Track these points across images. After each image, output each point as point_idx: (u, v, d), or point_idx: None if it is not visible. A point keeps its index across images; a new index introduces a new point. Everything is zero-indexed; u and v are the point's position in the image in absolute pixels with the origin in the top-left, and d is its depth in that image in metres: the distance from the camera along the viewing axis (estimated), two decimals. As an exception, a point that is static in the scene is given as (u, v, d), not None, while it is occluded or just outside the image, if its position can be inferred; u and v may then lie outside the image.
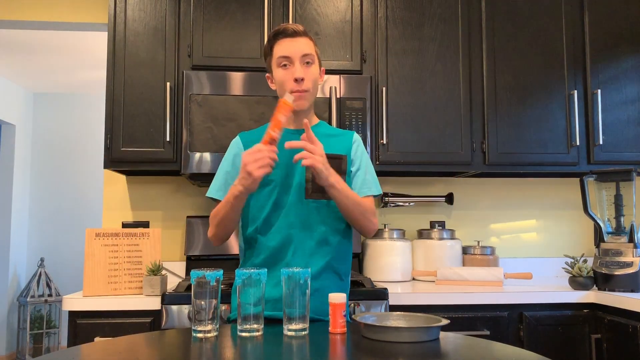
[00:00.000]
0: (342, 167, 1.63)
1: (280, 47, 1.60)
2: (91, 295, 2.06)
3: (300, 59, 1.58)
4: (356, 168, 1.67)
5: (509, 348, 1.19)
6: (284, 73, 1.60)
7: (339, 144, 1.67)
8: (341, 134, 1.72)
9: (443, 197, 2.76)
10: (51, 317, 5.16)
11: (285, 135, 1.65)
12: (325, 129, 1.71)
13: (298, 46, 1.59)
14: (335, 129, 1.76)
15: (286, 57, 1.59)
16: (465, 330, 2.07)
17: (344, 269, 1.65)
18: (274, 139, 1.43)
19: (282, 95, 1.61)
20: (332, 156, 1.61)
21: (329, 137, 1.67)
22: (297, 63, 1.58)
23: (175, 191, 2.72)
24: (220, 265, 2.56)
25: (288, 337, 1.29)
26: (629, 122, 2.58)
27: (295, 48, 1.58)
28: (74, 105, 5.65)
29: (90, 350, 1.19)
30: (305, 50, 1.59)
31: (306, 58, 1.59)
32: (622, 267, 2.13)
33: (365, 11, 2.51)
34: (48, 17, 2.78)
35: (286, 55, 1.58)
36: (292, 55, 1.58)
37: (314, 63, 1.62)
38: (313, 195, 1.59)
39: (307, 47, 1.60)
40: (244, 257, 1.66)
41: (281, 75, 1.60)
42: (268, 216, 1.59)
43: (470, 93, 2.54)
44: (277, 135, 1.43)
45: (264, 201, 1.60)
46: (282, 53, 1.59)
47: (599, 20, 2.62)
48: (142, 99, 2.38)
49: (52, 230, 5.54)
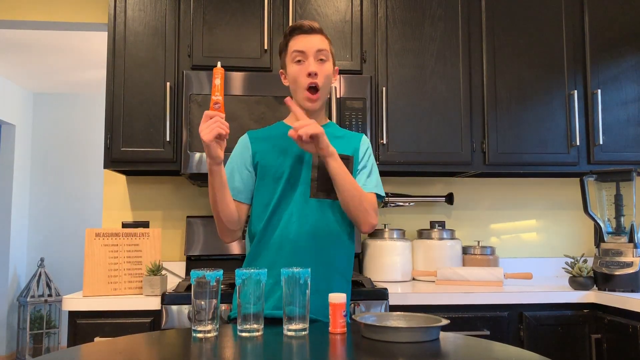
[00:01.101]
0: (348, 167, 1.63)
1: (296, 42, 1.61)
2: (91, 295, 2.06)
3: (314, 55, 1.59)
4: (361, 167, 1.67)
5: (509, 348, 1.19)
6: (297, 68, 1.60)
7: (347, 145, 1.67)
8: (350, 136, 1.72)
9: (443, 197, 2.76)
10: (51, 317, 5.16)
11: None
12: (334, 129, 1.71)
13: (313, 42, 1.60)
14: (344, 130, 1.76)
15: (301, 52, 1.59)
16: (465, 330, 2.07)
17: (348, 270, 1.65)
18: (217, 102, 1.44)
19: (296, 91, 1.62)
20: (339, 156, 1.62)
21: (337, 138, 1.67)
22: (311, 58, 1.59)
23: (175, 191, 2.72)
24: (220, 265, 2.56)
25: (288, 337, 1.29)
26: (629, 122, 2.58)
27: (310, 44, 1.59)
28: (74, 105, 5.65)
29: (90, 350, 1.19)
30: (320, 46, 1.60)
31: (320, 54, 1.60)
32: (622, 267, 2.13)
33: (365, 11, 2.51)
34: (48, 17, 2.78)
35: (301, 49, 1.59)
36: (306, 51, 1.59)
37: (328, 60, 1.62)
38: (318, 194, 1.59)
39: (322, 43, 1.61)
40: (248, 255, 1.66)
41: (295, 70, 1.61)
42: (272, 214, 1.59)
43: (470, 93, 2.54)
44: (219, 99, 1.44)
45: (269, 198, 1.61)
46: (296, 47, 1.60)
47: (599, 20, 2.62)
48: (142, 99, 2.38)
49: (52, 230, 5.54)
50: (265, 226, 1.60)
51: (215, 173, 1.50)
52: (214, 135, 1.41)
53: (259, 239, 1.61)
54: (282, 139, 1.64)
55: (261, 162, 1.63)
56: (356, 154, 1.67)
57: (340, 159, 1.54)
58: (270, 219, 1.60)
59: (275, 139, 1.66)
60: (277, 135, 1.66)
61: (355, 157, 1.67)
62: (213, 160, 1.47)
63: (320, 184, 1.59)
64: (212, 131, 1.41)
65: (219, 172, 1.50)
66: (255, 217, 1.64)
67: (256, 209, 1.63)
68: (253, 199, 1.65)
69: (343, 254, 1.63)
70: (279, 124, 1.72)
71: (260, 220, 1.61)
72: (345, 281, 1.64)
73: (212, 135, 1.41)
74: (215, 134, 1.41)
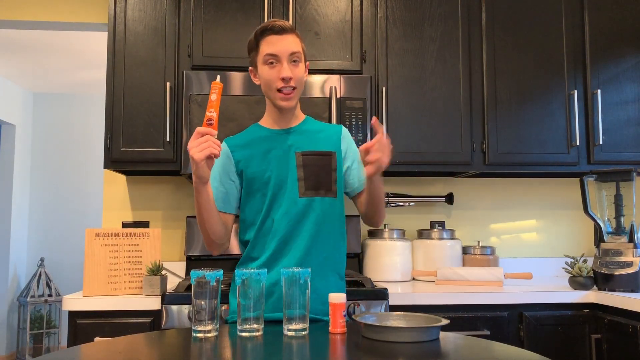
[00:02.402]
0: (332, 164, 1.63)
1: (268, 44, 1.57)
2: (91, 295, 2.06)
3: (287, 58, 1.57)
4: (350, 162, 1.68)
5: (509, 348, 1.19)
6: (270, 71, 1.58)
7: (327, 140, 1.66)
8: (328, 129, 1.70)
9: (443, 197, 2.76)
10: (51, 317, 5.16)
11: (272, 136, 1.64)
12: (311, 125, 1.70)
13: (286, 44, 1.57)
14: (321, 123, 1.73)
15: (273, 56, 1.57)
16: (465, 330, 2.07)
17: (341, 266, 1.65)
18: (210, 119, 1.40)
19: (268, 92, 1.60)
20: (321, 153, 1.62)
21: (316, 132, 1.66)
22: (284, 62, 1.56)
23: (175, 191, 2.72)
24: (220, 265, 2.56)
25: (288, 337, 1.29)
26: (629, 122, 2.58)
27: (282, 47, 1.56)
28: (74, 105, 5.65)
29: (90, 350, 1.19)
30: (293, 48, 1.57)
31: (293, 57, 1.58)
32: (622, 267, 2.13)
33: (365, 11, 2.51)
34: (48, 17, 2.78)
35: (273, 53, 1.56)
36: (279, 54, 1.56)
37: (300, 61, 1.60)
38: (306, 193, 1.59)
39: (295, 45, 1.58)
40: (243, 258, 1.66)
41: (267, 73, 1.58)
42: (264, 218, 1.59)
43: (470, 93, 2.54)
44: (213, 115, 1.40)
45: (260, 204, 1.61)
46: (269, 51, 1.57)
47: (599, 20, 2.62)
48: (142, 99, 2.38)
49: (52, 230, 5.54)
50: (258, 231, 1.60)
51: (202, 191, 1.48)
52: (206, 155, 1.37)
53: (252, 246, 1.61)
54: (262, 143, 1.63)
55: (246, 170, 1.62)
56: (338, 148, 1.66)
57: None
58: (262, 223, 1.60)
59: (255, 144, 1.64)
60: (256, 140, 1.65)
61: (339, 152, 1.66)
62: (200, 180, 1.44)
63: (307, 182, 1.59)
64: (203, 150, 1.37)
65: (205, 190, 1.48)
66: (248, 224, 1.63)
67: (248, 216, 1.63)
68: (243, 207, 1.64)
69: (336, 250, 1.63)
70: (255, 127, 1.69)
71: (253, 226, 1.61)
72: (339, 278, 1.64)
73: (204, 155, 1.37)
74: (207, 154, 1.37)
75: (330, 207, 1.61)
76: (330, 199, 1.62)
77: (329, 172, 1.62)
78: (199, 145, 1.37)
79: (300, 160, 1.61)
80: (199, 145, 1.37)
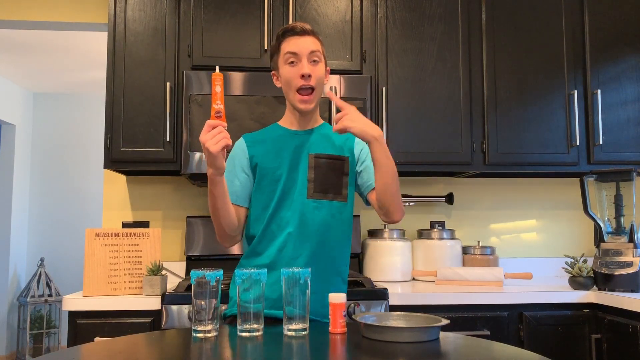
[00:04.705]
0: (344, 169, 1.64)
1: (288, 44, 1.61)
2: (91, 295, 2.06)
3: (307, 56, 1.59)
4: (364, 165, 1.67)
5: (509, 348, 1.19)
6: (290, 70, 1.60)
7: (342, 145, 1.67)
8: (344, 135, 1.72)
9: (443, 197, 2.76)
10: (51, 317, 5.16)
11: (289, 135, 1.65)
12: (328, 129, 1.71)
13: (306, 44, 1.59)
14: None
15: (293, 54, 1.59)
16: (465, 330, 2.07)
17: (345, 270, 1.66)
18: (218, 111, 1.40)
19: (288, 93, 1.62)
20: (334, 157, 1.63)
21: (332, 136, 1.68)
22: (304, 60, 1.59)
23: (175, 191, 2.72)
24: (220, 265, 2.56)
25: (288, 337, 1.29)
26: (629, 122, 2.58)
27: (302, 45, 1.59)
28: (74, 105, 5.65)
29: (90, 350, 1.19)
30: (313, 47, 1.60)
31: (313, 56, 1.60)
32: (622, 267, 2.13)
33: (365, 11, 2.51)
34: (48, 17, 2.78)
35: (294, 51, 1.59)
36: (299, 52, 1.59)
37: (320, 61, 1.62)
38: (315, 195, 1.60)
39: (315, 45, 1.61)
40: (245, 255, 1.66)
41: (288, 72, 1.60)
42: (271, 216, 1.60)
43: (470, 93, 2.54)
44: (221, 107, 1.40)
45: (267, 200, 1.61)
46: (289, 49, 1.59)
47: (599, 20, 2.62)
48: (142, 99, 2.38)
49: (52, 230, 5.54)
50: (265, 228, 1.61)
51: (218, 183, 1.48)
52: (222, 147, 1.39)
53: (258, 241, 1.62)
54: (278, 141, 1.65)
55: (260, 165, 1.63)
56: (352, 153, 1.67)
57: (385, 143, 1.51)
58: (269, 221, 1.60)
59: (271, 141, 1.66)
60: (272, 138, 1.67)
61: (352, 158, 1.67)
62: (217, 171, 1.44)
63: (317, 184, 1.60)
64: (219, 142, 1.38)
65: (221, 181, 1.49)
66: (253, 219, 1.64)
67: (255, 211, 1.64)
68: (251, 201, 1.66)
69: (340, 254, 1.64)
70: (274, 126, 1.72)
71: (259, 223, 1.62)
72: (342, 281, 1.65)
73: (220, 147, 1.38)
74: (223, 145, 1.38)
75: (339, 212, 1.62)
76: (339, 203, 1.62)
77: (340, 176, 1.63)
78: (213, 138, 1.38)
79: (312, 162, 1.62)
80: (214, 137, 1.38)
